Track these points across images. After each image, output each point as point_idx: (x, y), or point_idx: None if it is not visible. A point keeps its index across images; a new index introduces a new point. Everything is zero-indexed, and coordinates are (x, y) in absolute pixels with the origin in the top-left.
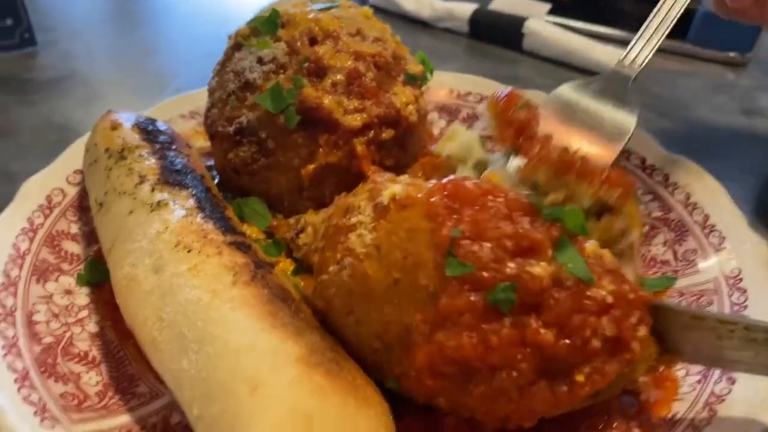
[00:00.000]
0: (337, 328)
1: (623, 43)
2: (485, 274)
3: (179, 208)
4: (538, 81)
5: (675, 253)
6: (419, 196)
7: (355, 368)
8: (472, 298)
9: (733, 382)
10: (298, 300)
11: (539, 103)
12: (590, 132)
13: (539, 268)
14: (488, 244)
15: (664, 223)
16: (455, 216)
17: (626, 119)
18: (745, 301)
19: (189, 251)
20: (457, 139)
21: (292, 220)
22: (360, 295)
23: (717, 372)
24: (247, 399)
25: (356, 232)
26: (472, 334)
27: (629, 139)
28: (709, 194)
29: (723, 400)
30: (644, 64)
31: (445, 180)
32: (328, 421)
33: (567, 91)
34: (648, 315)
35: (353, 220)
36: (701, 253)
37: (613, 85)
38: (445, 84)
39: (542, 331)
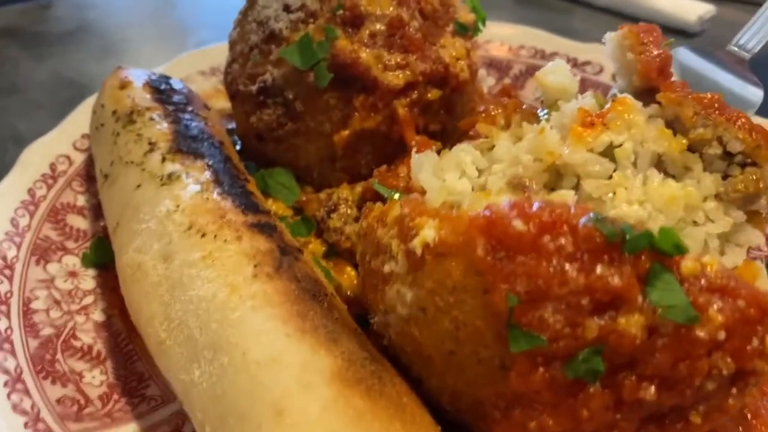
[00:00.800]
0: (408, 360)
1: None
2: (558, 343)
3: (193, 182)
4: (594, 33)
5: None
6: (457, 241)
7: (400, 381)
8: (549, 374)
9: None
10: (331, 294)
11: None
12: (727, 84)
13: (628, 323)
14: (557, 306)
15: None
16: (507, 271)
17: (754, 93)
18: None
19: (203, 236)
20: (558, 75)
21: (323, 195)
22: (415, 357)
23: None
24: (270, 425)
25: (393, 287)
26: (555, 412)
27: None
28: None
29: None
30: (756, 50)
31: (486, 212)
32: None
33: (686, 54)
34: None
35: (386, 268)
36: None
37: (733, 61)
38: (495, 36)
39: (643, 385)
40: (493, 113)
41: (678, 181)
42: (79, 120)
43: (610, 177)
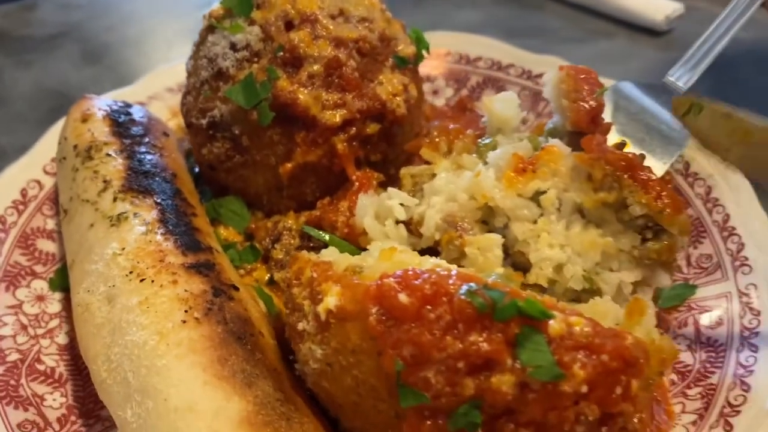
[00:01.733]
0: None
1: None
2: (441, 400)
3: (139, 223)
4: (567, 33)
5: (688, 258)
6: (355, 308)
7: (309, 421)
8: (435, 426)
9: (729, 426)
10: (258, 333)
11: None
12: (649, 133)
13: (500, 382)
14: (438, 368)
15: None
16: (395, 337)
17: (682, 133)
18: (757, 326)
19: (142, 281)
20: (506, 104)
21: (269, 224)
22: (329, 403)
23: (717, 410)
24: None
25: (306, 344)
26: None
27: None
28: (731, 189)
29: None
30: (689, 85)
31: (377, 282)
32: None
33: (628, 87)
34: (642, 364)
35: (300, 326)
36: (716, 260)
37: (664, 98)
38: (453, 47)
39: (520, 431)
40: (436, 140)
41: (599, 229)
42: (48, 144)
43: (535, 221)
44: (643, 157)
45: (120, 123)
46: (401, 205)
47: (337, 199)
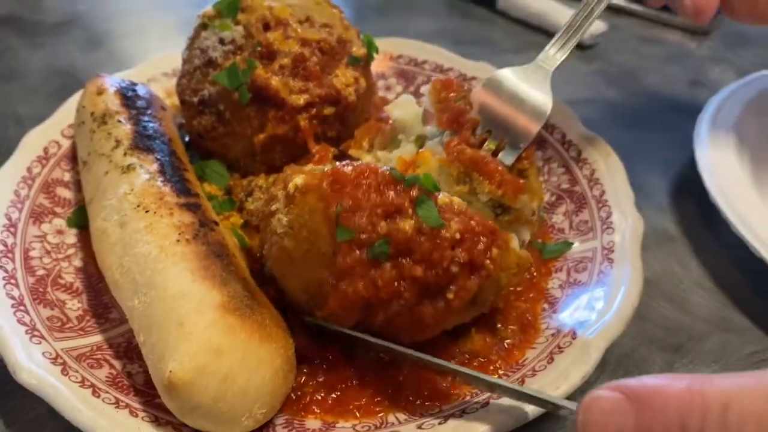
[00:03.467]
0: (284, 288)
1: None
2: (364, 236)
3: (144, 172)
4: (506, 44)
5: (571, 223)
6: (314, 183)
7: (269, 313)
8: (359, 255)
9: (575, 336)
10: (232, 254)
11: (480, 81)
12: (515, 110)
13: (404, 224)
14: (364, 213)
15: (569, 195)
16: (339, 195)
17: (545, 103)
18: (609, 269)
19: (147, 211)
20: (403, 109)
21: (245, 182)
22: (286, 264)
23: (568, 327)
24: (175, 333)
25: (276, 217)
26: (363, 281)
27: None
28: (610, 171)
29: (561, 350)
30: (560, 62)
31: (329, 167)
32: (235, 352)
33: (503, 73)
34: (503, 239)
35: (273, 207)
36: (591, 224)
37: (538, 74)
38: (405, 51)
39: (414, 267)
40: (359, 138)
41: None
42: (65, 113)
43: None
44: (502, 145)
45: (128, 97)
46: None
47: (301, 164)
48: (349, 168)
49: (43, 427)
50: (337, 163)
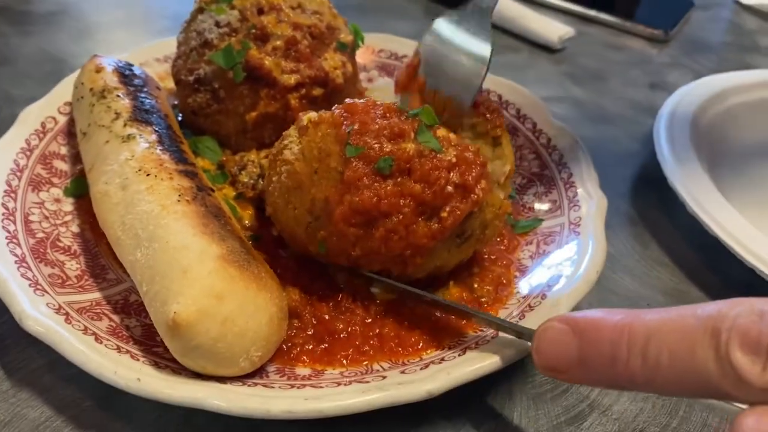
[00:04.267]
0: (282, 222)
1: (576, 16)
2: (371, 152)
3: (144, 141)
4: None
5: (541, 202)
6: (327, 115)
7: (264, 267)
8: (365, 169)
9: (544, 297)
10: (228, 216)
11: (422, 40)
12: (456, 63)
13: (406, 146)
14: (372, 134)
15: (539, 178)
16: (349, 120)
17: (485, 49)
18: (575, 240)
19: (148, 175)
20: (382, 92)
21: (237, 157)
22: (294, 188)
23: (539, 290)
24: (179, 279)
25: (288, 148)
26: (368, 191)
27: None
28: (576, 157)
29: (532, 309)
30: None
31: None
32: (235, 298)
33: (441, 25)
34: (488, 173)
35: (285, 141)
36: (559, 203)
37: (476, 17)
38: (386, 46)
39: (414, 185)
40: None
41: None
42: (61, 91)
43: None
44: (449, 103)
45: (125, 75)
46: None
47: None
48: (360, 101)
49: (40, 378)
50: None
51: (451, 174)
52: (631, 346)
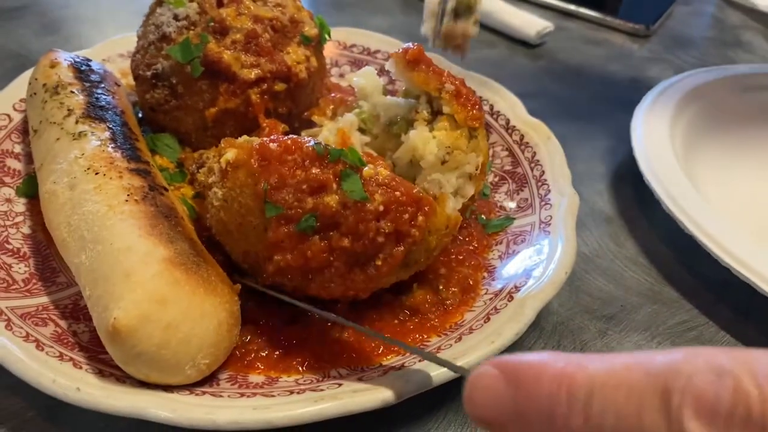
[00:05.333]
0: (227, 252)
1: (556, 11)
2: (291, 211)
3: (96, 139)
4: None
5: (512, 200)
6: (243, 158)
7: (214, 270)
8: (287, 230)
9: (511, 298)
10: (180, 217)
11: None
12: None
13: (329, 199)
14: (290, 189)
15: (511, 176)
16: (266, 172)
17: None
18: (545, 240)
19: (96, 174)
20: (365, 78)
21: (196, 155)
22: (224, 234)
23: (506, 291)
24: (121, 283)
25: (212, 190)
26: (293, 254)
27: None
28: (549, 154)
29: (498, 311)
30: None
31: (257, 142)
32: (179, 302)
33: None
34: (429, 205)
35: (210, 180)
36: (530, 201)
37: None
38: (358, 41)
39: (341, 239)
40: (323, 106)
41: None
42: (17, 88)
43: None
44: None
45: (82, 71)
46: None
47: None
48: (275, 144)
49: None
50: (265, 139)
51: (381, 222)
52: (571, 402)
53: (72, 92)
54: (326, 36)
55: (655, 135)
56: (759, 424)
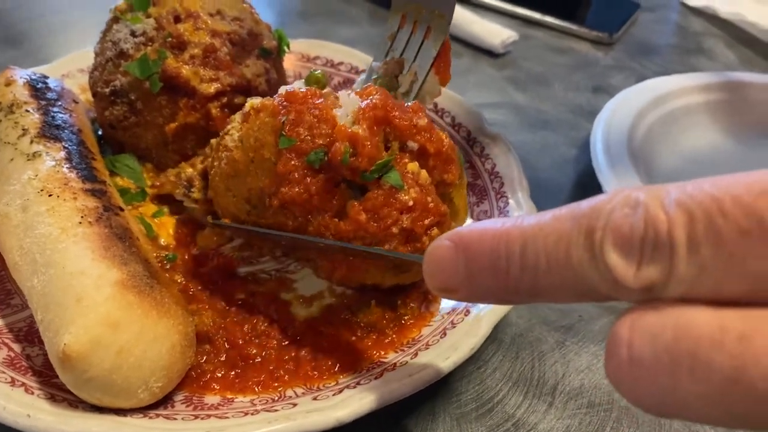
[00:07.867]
0: (222, 206)
1: (521, 19)
2: (303, 145)
3: (50, 159)
4: None
5: (472, 213)
6: (269, 102)
7: (168, 292)
8: (297, 162)
9: (468, 313)
10: (135, 238)
11: None
12: None
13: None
14: (305, 125)
15: (472, 188)
16: (286, 110)
17: None
18: None
19: (50, 195)
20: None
21: (172, 177)
22: (232, 175)
23: (462, 305)
24: (72, 308)
25: (230, 134)
26: (300, 186)
27: None
28: (509, 166)
29: (454, 326)
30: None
31: (283, 90)
32: (131, 326)
33: None
34: (447, 225)
35: (228, 127)
36: (490, 213)
37: None
38: (322, 54)
39: (361, 213)
40: None
41: None
42: None
43: None
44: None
45: (38, 89)
46: None
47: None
48: (302, 90)
49: None
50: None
51: (403, 216)
52: (509, 254)
53: (27, 111)
54: (285, 48)
55: (614, 144)
56: (667, 245)
